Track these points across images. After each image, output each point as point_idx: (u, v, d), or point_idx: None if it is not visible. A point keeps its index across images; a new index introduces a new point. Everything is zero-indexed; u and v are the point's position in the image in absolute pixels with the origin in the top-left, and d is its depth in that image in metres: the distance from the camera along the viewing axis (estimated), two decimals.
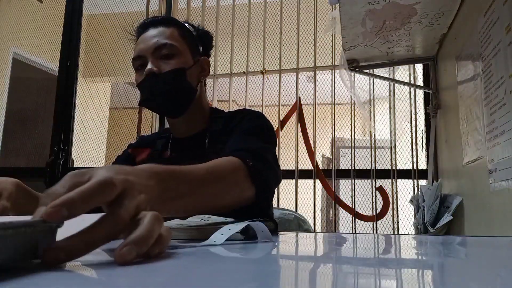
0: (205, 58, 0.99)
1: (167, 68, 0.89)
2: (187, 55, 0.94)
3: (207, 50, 1.04)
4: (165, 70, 0.89)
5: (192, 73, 0.93)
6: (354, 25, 1.54)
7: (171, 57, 0.90)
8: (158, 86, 0.89)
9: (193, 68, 0.94)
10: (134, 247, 0.34)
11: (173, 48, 0.91)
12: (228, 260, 0.40)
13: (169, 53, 0.90)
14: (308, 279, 0.29)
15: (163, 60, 0.90)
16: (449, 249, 0.53)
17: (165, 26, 0.94)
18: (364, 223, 2.05)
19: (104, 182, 0.37)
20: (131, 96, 3.75)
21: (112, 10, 3.35)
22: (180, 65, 0.91)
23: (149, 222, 0.37)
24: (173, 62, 0.90)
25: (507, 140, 0.96)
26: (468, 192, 1.39)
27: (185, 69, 0.91)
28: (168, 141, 1.00)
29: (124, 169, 0.44)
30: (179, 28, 0.96)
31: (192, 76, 0.93)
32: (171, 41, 0.91)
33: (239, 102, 3.36)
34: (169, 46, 0.90)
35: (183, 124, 0.98)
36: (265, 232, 0.54)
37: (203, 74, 0.99)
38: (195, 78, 0.95)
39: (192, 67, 0.93)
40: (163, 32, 0.93)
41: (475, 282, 0.30)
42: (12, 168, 2.89)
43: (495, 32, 1.04)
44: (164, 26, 0.94)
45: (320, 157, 3.17)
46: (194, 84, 0.94)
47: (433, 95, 1.85)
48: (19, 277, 0.27)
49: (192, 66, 0.94)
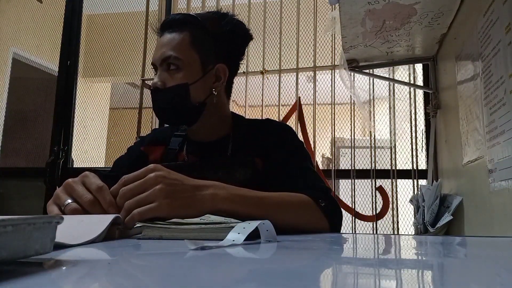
0: (222, 65, 0.93)
1: (171, 83, 0.87)
2: (195, 66, 0.89)
3: (235, 49, 0.96)
4: (169, 84, 0.87)
5: (199, 86, 0.89)
6: (354, 25, 1.54)
7: (175, 70, 0.88)
8: (159, 101, 0.89)
9: (201, 81, 0.89)
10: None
11: (178, 61, 0.88)
12: (231, 260, 0.40)
13: (174, 66, 0.88)
14: (308, 279, 0.29)
15: (169, 73, 0.88)
16: (449, 249, 0.53)
17: (179, 31, 0.90)
18: (364, 223, 2.05)
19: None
20: (131, 96, 3.75)
21: (112, 10, 3.35)
22: (184, 80, 0.87)
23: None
24: (177, 77, 0.87)
25: (507, 140, 0.96)
26: (468, 192, 1.39)
27: (188, 85, 0.87)
28: (185, 141, 0.98)
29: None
30: (194, 32, 0.90)
31: (198, 90, 0.89)
32: (177, 53, 0.88)
33: (239, 102, 3.36)
34: (173, 58, 0.88)
35: (202, 130, 0.95)
36: (270, 231, 0.54)
37: (218, 83, 0.93)
38: (203, 91, 0.90)
39: (200, 80, 0.89)
40: (172, 40, 0.89)
41: (475, 282, 0.30)
42: (12, 168, 2.89)
43: (494, 32, 1.04)
44: (177, 30, 0.90)
45: (320, 157, 3.17)
46: (201, 98, 0.90)
47: (433, 95, 1.85)
48: (19, 277, 0.27)
49: (200, 78, 0.89)
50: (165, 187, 0.63)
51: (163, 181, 0.64)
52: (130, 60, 3.18)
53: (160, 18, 2.30)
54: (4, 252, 0.27)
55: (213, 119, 0.94)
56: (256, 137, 0.95)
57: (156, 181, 0.63)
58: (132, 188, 0.64)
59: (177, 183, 0.65)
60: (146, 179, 0.64)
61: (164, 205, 0.62)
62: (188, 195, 0.65)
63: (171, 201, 0.62)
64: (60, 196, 0.67)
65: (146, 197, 0.62)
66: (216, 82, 0.93)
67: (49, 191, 2.25)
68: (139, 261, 0.40)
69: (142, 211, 0.61)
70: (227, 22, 0.93)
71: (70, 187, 0.67)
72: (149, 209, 0.61)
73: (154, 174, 0.64)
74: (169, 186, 0.63)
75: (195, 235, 0.55)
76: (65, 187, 0.68)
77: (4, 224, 0.27)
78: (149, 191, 0.63)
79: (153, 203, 0.61)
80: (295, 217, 0.75)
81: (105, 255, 0.43)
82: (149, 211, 0.61)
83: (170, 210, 0.62)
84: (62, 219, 0.33)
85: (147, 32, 2.34)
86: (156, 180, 0.63)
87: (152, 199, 0.62)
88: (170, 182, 0.64)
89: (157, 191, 0.62)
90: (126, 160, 1.01)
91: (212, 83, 0.92)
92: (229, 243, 0.47)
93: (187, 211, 0.64)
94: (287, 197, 0.77)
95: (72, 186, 0.67)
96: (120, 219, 0.58)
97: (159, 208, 0.61)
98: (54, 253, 0.36)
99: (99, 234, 0.50)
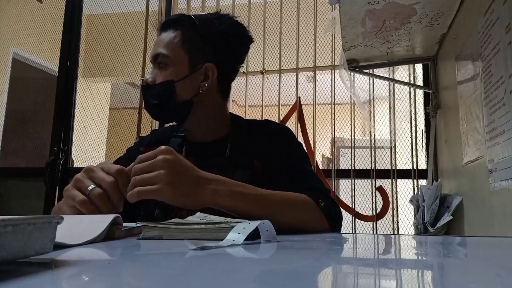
0: (210, 65, 0.93)
1: (159, 80, 0.90)
2: (183, 64, 0.91)
3: (224, 52, 0.96)
4: (158, 81, 0.90)
5: (185, 84, 0.90)
6: (354, 25, 1.54)
7: (164, 68, 0.91)
8: (147, 97, 0.92)
9: (187, 79, 0.90)
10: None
11: (166, 58, 0.91)
12: (231, 260, 0.40)
13: (162, 64, 0.91)
14: (308, 279, 0.29)
15: (160, 70, 0.91)
16: (449, 249, 0.53)
17: (173, 30, 0.93)
18: (364, 223, 2.05)
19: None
20: (131, 96, 3.75)
21: (112, 10, 3.35)
22: (170, 77, 0.90)
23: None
24: (164, 74, 0.90)
25: (507, 140, 0.96)
26: (468, 192, 1.39)
27: (173, 82, 0.89)
28: (184, 142, 0.98)
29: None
30: (185, 32, 0.92)
31: (184, 88, 0.90)
32: (166, 50, 0.91)
33: (239, 102, 3.37)
34: (161, 56, 0.91)
35: (198, 130, 0.96)
36: (270, 231, 0.54)
37: (206, 82, 0.93)
38: (190, 88, 0.91)
39: (187, 78, 0.90)
40: (165, 38, 0.93)
41: (475, 282, 0.30)
42: (12, 168, 2.89)
43: (494, 32, 1.04)
44: (172, 29, 0.93)
45: (320, 157, 3.17)
46: (187, 96, 0.91)
47: (433, 95, 1.85)
48: (19, 277, 0.27)
49: (187, 76, 0.90)
50: (169, 173, 0.65)
51: (170, 166, 0.66)
52: (130, 60, 3.18)
53: (160, 18, 2.30)
54: (4, 252, 0.27)
55: (209, 120, 0.95)
56: (255, 139, 0.95)
57: (163, 165, 0.66)
58: (142, 167, 0.67)
59: (182, 170, 0.67)
60: (155, 161, 0.67)
61: (165, 190, 0.64)
62: (190, 186, 0.67)
63: (173, 187, 0.65)
64: (81, 180, 0.69)
65: (150, 178, 0.65)
66: (204, 81, 0.93)
67: (49, 191, 2.25)
68: (139, 261, 0.40)
69: (142, 191, 0.64)
70: (221, 23, 0.94)
71: (91, 171, 0.69)
72: (150, 190, 0.64)
73: (162, 157, 0.67)
74: (173, 173, 0.66)
75: (195, 235, 0.55)
76: (86, 171, 0.70)
77: (4, 224, 0.27)
78: (155, 172, 0.65)
79: (156, 185, 0.64)
80: (295, 216, 0.76)
81: (105, 255, 0.43)
82: (149, 192, 0.64)
83: (170, 195, 0.64)
84: (62, 219, 0.33)
85: (147, 32, 2.34)
86: (163, 164, 0.66)
87: (155, 181, 0.64)
88: (175, 169, 0.66)
89: (162, 175, 0.65)
90: (125, 161, 1.01)
91: (200, 82, 0.93)
92: (229, 243, 0.47)
93: (186, 201, 0.66)
94: (288, 196, 0.77)
95: (93, 169, 0.69)
96: (120, 219, 0.58)
97: (159, 192, 0.64)
98: (54, 253, 0.36)
99: (99, 234, 0.50)
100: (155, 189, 0.64)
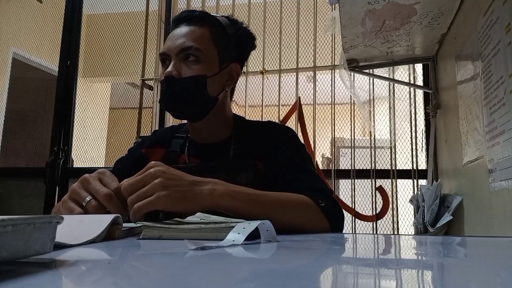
0: (236, 65, 0.93)
1: (188, 73, 0.86)
2: (214, 61, 0.89)
3: (244, 53, 0.97)
4: (186, 75, 0.86)
5: (214, 81, 0.88)
6: (354, 25, 1.54)
7: (194, 61, 0.86)
8: (175, 91, 0.86)
9: (217, 76, 0.89)
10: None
11: (198, 52, 0.86)
12: (231, 260, 0.40)
13: (193, 57, 0.86)
14: (308, 279, 0.29)
15: (186, 64, 0.87)
16: (449, 249, 0.53)
17: (198, 25, 0.89)
18: (364, 223, 2.05)
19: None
20: (131, 96, 3.75)
21: (112, 10, 3.35)
22: (202, 72, 0.86)
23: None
24: (196, 68, 0.86)
25: (507, 140, 0.96)
26: (468, 192, 1.39)
27: (206, 77, 0.87)
28: (185, 143, 0.97)
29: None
30: (213, 29, 0.90)
31: (214, 84, 0.89)
32: (198, 44, 0.86)
33: (239, 102, 3.36)
34: (194, 49, 0.86)
35: (205, 130, 0.95)
36: (270, 231, 0.54)
37: (230, 82, 0.93)
38: (218, 86, 0.90)
39: (216, 75, 0.89)
40: (193, 32, 0.88)
41: (475, 282, 0.30)
42: (12, 168, 2.89)
43: (494, 32, 1.04)
44: (197, 24, 0.89)
45: (320, 157, 3.17)
46: (215, 93, 0.89)
47: (433, 95, 1.85)
48: (19, 277, 0.27)
49: (217, 73, 0.89)
50: (164, 181, 0.64)
51: (162, 175, 0.65)
52: (130, 60, 3.18)
53: (160, 18, 2.30)
54: (4, 252, 0.27)
55: (216, 120, 0.94)
56: (258, 140, 0.95)
57: (155, 175, 0.65)
58: (132, 183, 0.65)
59: (176, 177, 0.67)
60: (146, 174, 0.66)
61: (163, 197, 0.63)
62: (187, 189, 0.66)
63: (170, 193, 0.64)
64: (78, 192, 0.68)
65: (145, 191, 0.64)
66: (228, 80, 0.93)
67: (49, 191, 2.25)
68: (139, 261, 0.40)
69: (142, 205, 0.62)
70: (240, 26, 0.96)
71: (87, 182, 0.68)
72: (148, 202, 0.62)
73: (153, 169, 0.66)
74: (167, 180, 0.65)
75: (195, 235, 0.55)
76: (82, 182, 0.69)
77: (4, 224, 0.27)
78: (149, 185, 0.64)
79: (153, 196, 0.63)
80: (294, 216, 0.76)
81: (105, 255, 0.43)
82: (148, 204, 0.62)
83: (169, 202, 0.63)
84: (62, 219, 0.33)
85: (147, 32, 2.34)
86: (155, 175, 0.65)
87: (151, 192, 0.63)
88: (169, 177, 0.66)
89: (156, 184, 0.64)
90: (126, 162, 1.01)
91: (225, 81, 0.92)
92: (229, 243, 0.47)
93: (185, 205, 0.65)
94: (286, 196, 0.77)
95: (89, 180, 0.68)
96: (121, 219, 0.58)
97: (158, 201, 0.63)
98: (54, 253, 0.36)
99: (99, 234, 0.50)
100: (153, 200, 0.62)
